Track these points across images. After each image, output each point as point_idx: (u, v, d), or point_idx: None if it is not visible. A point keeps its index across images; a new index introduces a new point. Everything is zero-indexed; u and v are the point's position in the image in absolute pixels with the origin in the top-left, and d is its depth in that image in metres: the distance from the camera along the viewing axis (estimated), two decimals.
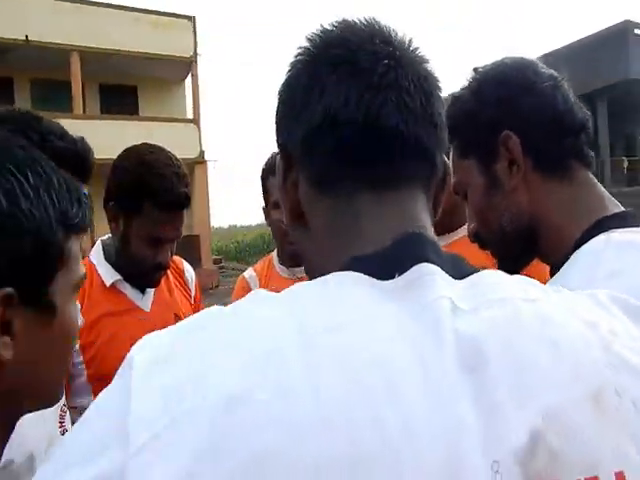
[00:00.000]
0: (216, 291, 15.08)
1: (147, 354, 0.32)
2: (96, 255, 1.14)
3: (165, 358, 0.31)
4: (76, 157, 0.69)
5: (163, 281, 1.18)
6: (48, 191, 0.45)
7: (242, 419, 0.27)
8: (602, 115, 14.52)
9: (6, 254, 0.42)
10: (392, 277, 0.34)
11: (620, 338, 0.34)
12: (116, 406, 0.30)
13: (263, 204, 1.35)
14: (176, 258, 1.28)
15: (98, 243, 1.17)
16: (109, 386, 0.32)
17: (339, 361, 0.30)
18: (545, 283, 0.44)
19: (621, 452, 0.30)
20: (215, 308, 0.36)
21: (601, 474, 0.29)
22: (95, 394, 0.51)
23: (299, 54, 0.43)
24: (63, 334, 0.48)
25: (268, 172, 1.28)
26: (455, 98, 0.70)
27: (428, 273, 0.34)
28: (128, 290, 1.12)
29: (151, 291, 1.16)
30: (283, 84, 0.45)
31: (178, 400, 0.28)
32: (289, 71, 0.44)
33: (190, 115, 13.44)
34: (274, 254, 1.41)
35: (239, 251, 21.67)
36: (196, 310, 1.25)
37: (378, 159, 0.39)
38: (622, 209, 0.64)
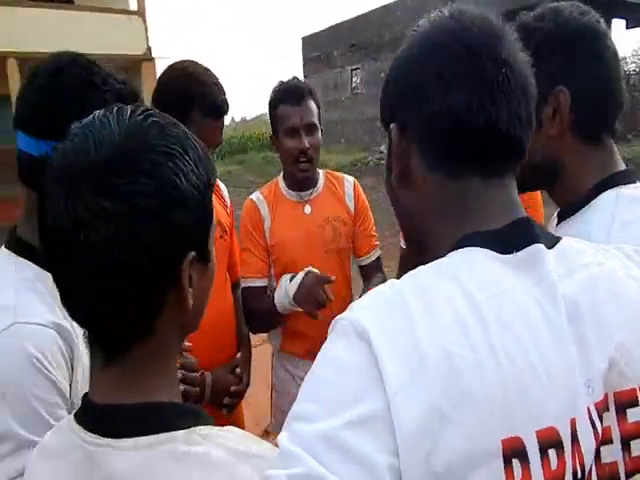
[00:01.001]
0: None
1: (373, 324, 0.43)
2: None
3: (388, 327, 0.43)
4: (132, 97, 0.78)
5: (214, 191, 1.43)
6: (201, 163, 0.51)
7: (455, 368, 0.40)
8: None
9: (189, 224, 0.48)
10: (510, 252, 0.47)
11: None
12: (365, 364, 0.41)
13: (272, 134, 1.49)
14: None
15: None
16: (339, 345, 0.44)
17: (499, 321, 0.43)
18: (536, 204, 0.95)
19: None
20: (399, 283, 0.47)
21: None
22: None
23: (421, 36, 0.52)
24: (212, 274, 0.56)
25: (278, 101, 1.42)
26: (536, 29, 0.72)
27: (539, 251, 0.47)
28: None
29: None
30: (402, 62, 0.53)
31: (411, 359, 0.41)
32: (409, 49, 0.52)
33: (134, 7, 11.72)
34: (280, 179, 1.55)
35: None
36: (231, 219, 1.50)
37: (491, 156, 0.50)
38: (622, 167, 0.75)
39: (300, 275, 1.30)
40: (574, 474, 0.41)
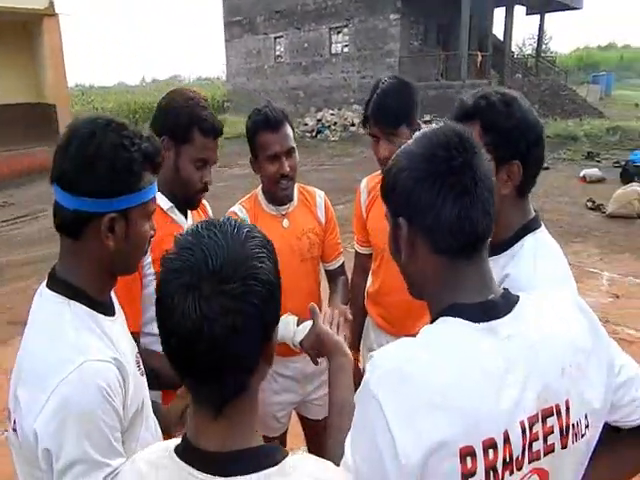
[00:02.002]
0: None
1: (387, 390, 0.66)
2: None
3: (401, 392, 0.66)
4: (156, 154, 0.91)
5: (200, 208, 1.50)
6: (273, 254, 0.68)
7: (449, 416, 0.64)
8: (465, 10, 15.06)
9: (276, 310, 0.66)
10: (483, 321, 0.70)
11: (574, 329, 0.74)
12: (388, 448, 0.64)
13: (251, 157, 1.57)
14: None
15: None
16: (362, 411, 0.68)
17: (465, 369, 0.66)
18: None
19: (576, 392, 0.71)
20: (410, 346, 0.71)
21: (561, 403, 0.71)
22: None
23: (420, 159, 0.72)
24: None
25: (257, 129, 1.51)
26: (507, 117, 0.95)
27: (496, 325, 0.71)
28: (177, 215, 1.40)
29: (190, 216, 1.45)
30: (405, 174, 0.72)
31: (424, 425, 0.64)
32: (411, 168, 0.72)
33: None
34: (259, 192, 1.65)
35: None
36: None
37: (473, 246, 0.72)
38: (534, 214, 0.98)
39: (308, 324, 1.29)
40: (503, 461, 0.68)
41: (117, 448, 0.80)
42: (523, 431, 0.68)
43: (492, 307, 0.72)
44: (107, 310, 0.91)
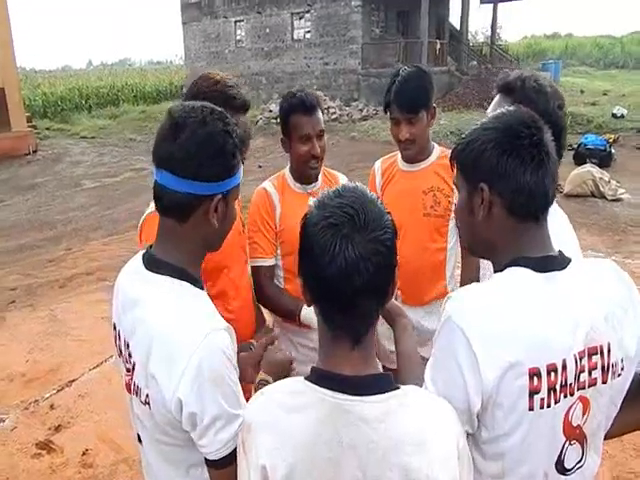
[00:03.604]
0: (36, 157, 11.56)
1: (469, 320, 0.80)
2: None
3: (481, 322, 0.80)
4: (245, 140, 1.05)
5: None
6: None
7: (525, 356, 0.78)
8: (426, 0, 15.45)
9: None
10: (546, 271, 0.83)
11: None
12: (470, 366, 0.78)
13: (283, 136, 1.69)
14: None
15: None
16: (445, 341, 0.82)
17: (541, 307, 0.81)
18: (452, 172, 1.02)
19: (616, 338, 0.85)
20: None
21: (604, 344, 0.85)
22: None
23: (502, 132, 0.87)
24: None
25: (292, 110, 1.63)
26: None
27: (556, 274, 0.84)
28: None
29: None
30: (491, 145, 0.87)
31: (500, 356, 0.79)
32: (496, 136, 0.87)
33: None
34: (286, 171, 1.77)
35: (49, 106, 17.42)
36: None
37: (543, 210, 0.88)
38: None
39: None
40: (560, 384, 0.82)
41: (240, 400, 0.91)
42: (575, 362, 0.83)
43: (552, 261, 0.88)
44: (202, 286, 0.99)
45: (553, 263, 0.88)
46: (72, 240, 6.31)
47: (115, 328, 1.03)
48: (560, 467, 0.88)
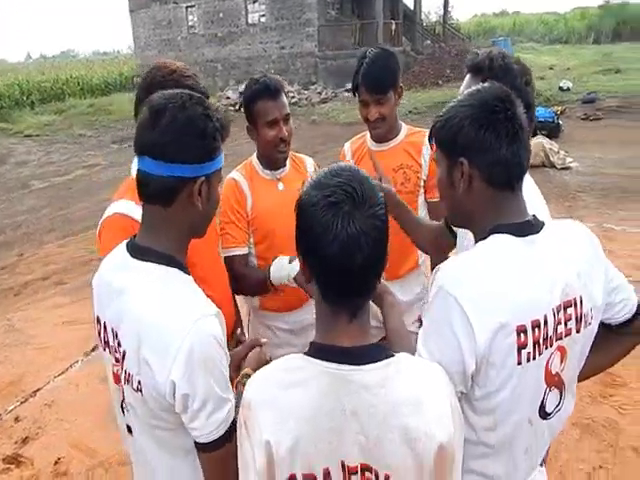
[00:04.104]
0: None
1: (459, 287, 0.87)
2: None
3: (471, 288, 0.87)
4: (227, 125, 1.01)
5: None
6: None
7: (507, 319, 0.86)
8: None
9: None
10: (524, 235, 0.91)
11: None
12: (464, 330, 0.85)
13: (248, 125, 1.70)
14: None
15: None
16: (438, 309, 0.88)
17: (524, 270, 0.91)
18: (420, 149, 1.68)
19: (587, 291, 0.97)
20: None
21: (577, 297, 0.94)
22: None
23: (479, 106, 0.93)
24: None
25: (256, 97, 1.65)
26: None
27: (535, 238, 0.92)
28: None
29: None
30: (468, 121, 0.93)
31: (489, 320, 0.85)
32: (472, 112, 0.93)
33: None
34: (253, 159, 1.80)
35: None
36: None
37: (519, 178, 0.95)
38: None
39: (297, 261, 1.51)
40: (543, 338, 0.91)
41: (229, 386, 0.95)
42: (554, 316, 0.92)
43: (530, 226, 0.96)
44: (189, 272, 1.01)
45: (530, 227, 0.96)
46: (24, 245, 6.09)
47: (99, 321, 1.04)
48: (542, 412, 0.98)
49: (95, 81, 21.04)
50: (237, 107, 14.40)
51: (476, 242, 0.99)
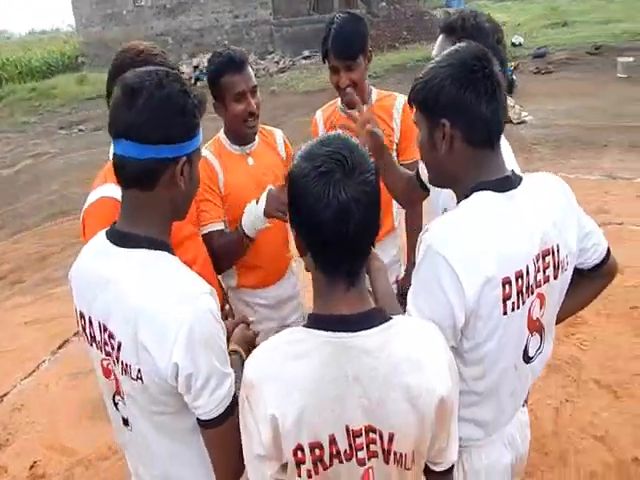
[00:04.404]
0: None
1: (447, 246, 0.93)
2: None
3: (458, 246, 0.93)
4: (204, 100, 1.00)
5: None
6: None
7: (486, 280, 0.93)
8: None
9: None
10: (505, 191, 0.98)
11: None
12: (454, 287, 0.91)
13: (215, 101, 1.69)
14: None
15: None
16: (427, 268, 0.95)
17: (506, 223, 0.97)
18: (391, 112, 1.77)
19: (562, 238, 1.03)
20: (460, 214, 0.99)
21: (554, 245, 1.03)
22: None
23: (458, 66, 0.97)
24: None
25: (221, 71, 1.64)
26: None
27: (515, 193, 0.99)
28: None
29: None
30: (448, 82, 0.97)
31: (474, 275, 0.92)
32: (451, 73, 0.98)
33: None
34: (220, 135, 1.79)
35: None
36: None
37: (498, 136, 1.00)
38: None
39: (264, 194, 1.58)
40: (525, 287, 0.99)
41: (228, 359, 0.98)
42: (534, 265, 0.99)
43: (509, 181, 1.02)
44: (174, 253, 1.00)
45: (510, 183, 1.02)
46: None
47: (83, 316, 1.03)
48: (525, 357, 1.07)
49: (35, 63, 19.91)
50: (193, 81, 13.99)
51: (458, 200, 1.04)
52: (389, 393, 0.83)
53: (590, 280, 1.20)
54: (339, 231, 0.81)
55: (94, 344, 1.02)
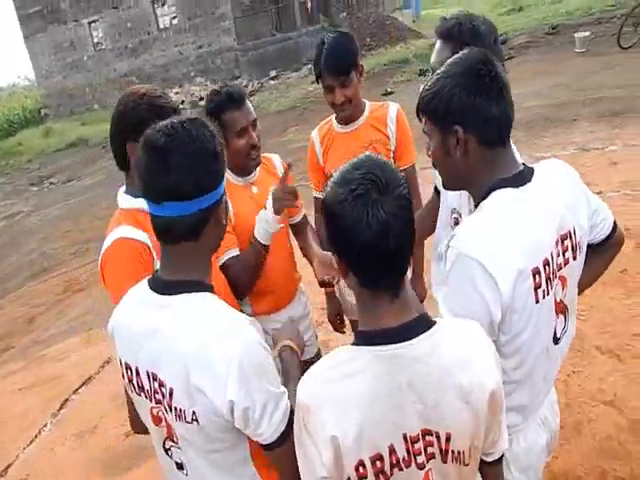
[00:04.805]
0: None
1: (478, 249, 0.99)
2: None
3: (488, 247, 0.99)
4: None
5: None
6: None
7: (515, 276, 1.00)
8: None
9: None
10: (521, 185, 1.05)
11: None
12: (489, 286, 0.98)
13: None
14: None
15: None
16: (460, 272, 1.02)
17: (528, 217, 1.05)
18: (385, 122, 1.94)
19: (576, 220, 1.13)
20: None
21: (571, 229, 1.11)
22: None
23: (466, 73, 1.04)
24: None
25: (222, 108, 1.72)
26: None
27: (530, 186, 1.07)
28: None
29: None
30: (458, 89, 1.04)
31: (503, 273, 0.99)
32: (458, 79, 1.04)
33: None
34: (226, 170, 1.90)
35: None
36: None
37: (508, 135, 1.07)
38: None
39: (268, 200, 1.67)
40: (552, 273, 1.06)
41: (278, 377, 1.03)
42: (556, 250, 1.07)
43: (523, 176, 1.09)
44: (213, 291, 1.06)
45: (524, 176, 1.09)
46: None
47: (128, 367, 1.06)
48: (555, 339, 1.15)
49: None
50: None
51: (475, 201, 1.12)
52: (444, 395, 0.88)
53: (600, 253, 1.27)
54: (381, 248, 0.86)
55: (142, 394, 1.05)
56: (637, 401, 2.37)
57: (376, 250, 0.86)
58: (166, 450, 1.09)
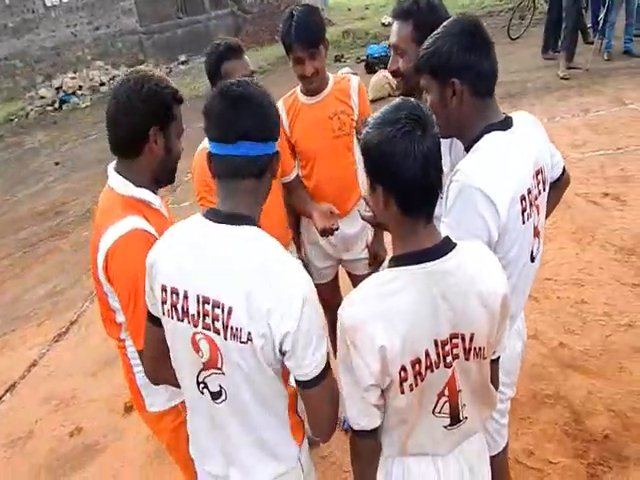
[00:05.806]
0: None
1: (478, 178, 1.32)
2: None
3: (484, 183, 1.32)
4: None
5: None
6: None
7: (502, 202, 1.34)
8: None
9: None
10: (507, 129, 1.42)
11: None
12: (489, 210, 1.31)
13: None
14: None
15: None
16: (464, 201, 1.32)
17: (514, 154, 1.43)
18: (348, 93, 2.25)
19: (544, 158, 1.55)
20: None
21: (542, 165, 1.53)
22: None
23: (459, 31, 1.38)
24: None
25: (222, 58, 2.02)
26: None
27: (512, 130, 1.44)
28: (162, 207, 1.63)
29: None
30: (456, 47, 1.36)
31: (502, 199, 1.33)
32: (452, 38, 1.38)
33: None
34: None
35: None
36: None
37: (492, 88, 1.43)
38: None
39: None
40: (529, 203, 1.41)
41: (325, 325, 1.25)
42: (533, 181, 1.42)
43: (508, 121, 1.43)
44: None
45: (508, 122, 1.43)
46: None
47: (174, 292, 1.20)
48: (531, 257, 1.51)
49: None
50: (57, 105, 13.50)
51: (465, 146, 1.45)
52: (469, 302, 1.13)
53: (555, 190, 1.64)
54: (425, 179, 1.09)
55: (186, 319, 1.20)
56: (553, 333, 3.09)
57: (421, 180, 1.08)
58: (199, 383, 1.24)
